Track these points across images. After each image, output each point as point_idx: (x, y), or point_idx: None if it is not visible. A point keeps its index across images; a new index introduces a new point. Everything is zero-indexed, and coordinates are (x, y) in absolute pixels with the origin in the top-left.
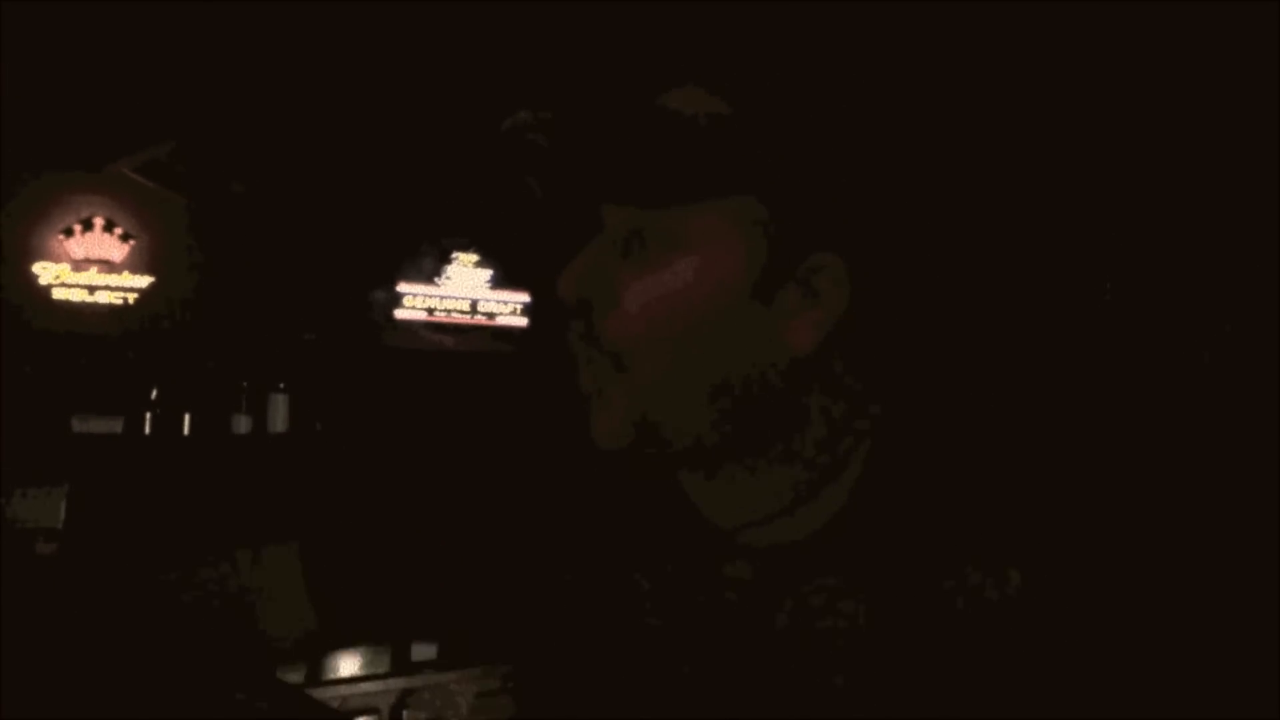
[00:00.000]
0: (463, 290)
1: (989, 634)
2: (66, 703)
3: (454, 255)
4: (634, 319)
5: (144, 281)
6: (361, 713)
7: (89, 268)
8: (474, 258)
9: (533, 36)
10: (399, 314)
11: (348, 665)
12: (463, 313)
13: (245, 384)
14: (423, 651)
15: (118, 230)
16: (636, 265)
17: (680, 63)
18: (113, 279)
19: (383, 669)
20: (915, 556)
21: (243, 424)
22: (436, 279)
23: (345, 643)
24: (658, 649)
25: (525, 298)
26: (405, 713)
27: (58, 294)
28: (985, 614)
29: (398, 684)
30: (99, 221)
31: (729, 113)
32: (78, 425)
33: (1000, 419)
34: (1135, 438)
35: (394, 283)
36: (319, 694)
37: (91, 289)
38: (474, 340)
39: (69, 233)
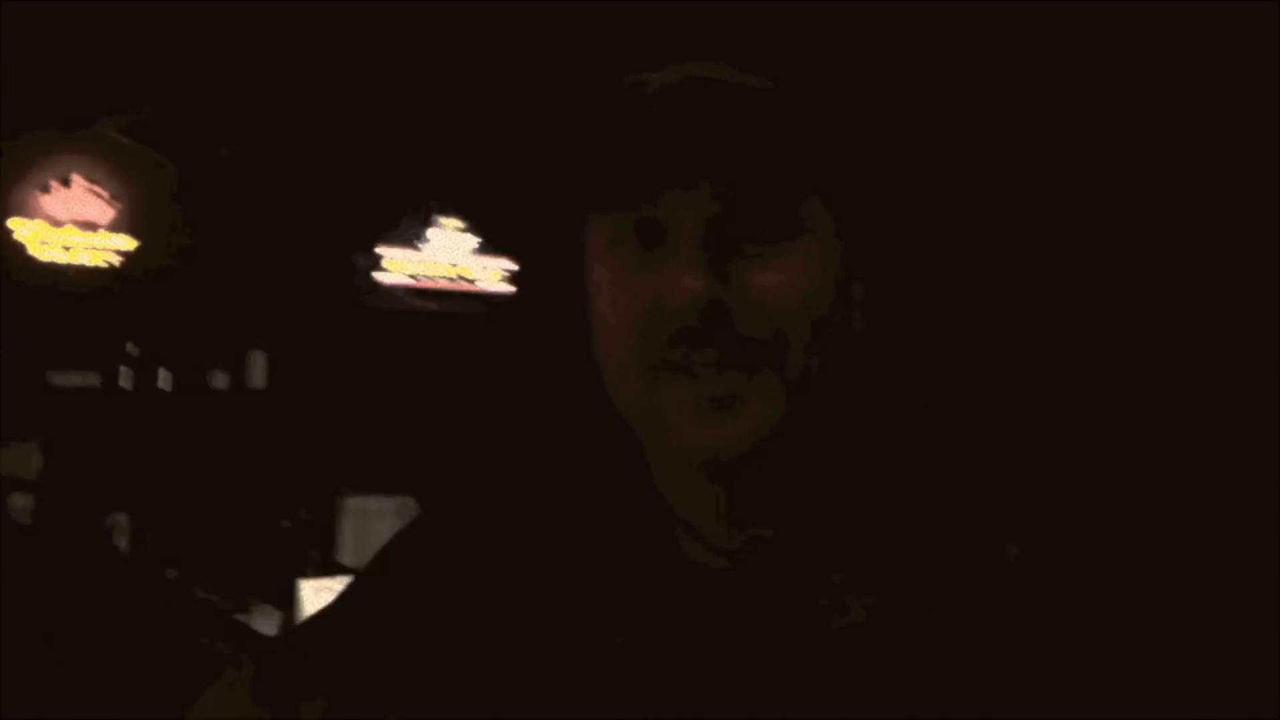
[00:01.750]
0: (446, 255)
1: (989, 611)
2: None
3: (436, 219)
4: (776, 306)
5: (125, 242)
6: None
7: (67, 226)
8: (458, 223)
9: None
10: (380, 278)
11: None
12: (446, 278)
13: (223, 340)
14: None
15: (98, 190)
16: (761, 255)
17: (671, 44)
18: (93, 239)
19: None
20: (914, 540)
21: (220, 380)
22: (418, 243)
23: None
24: (649, 660)
25: (509, 264)
26: None
27: (34, 251)
28: (987, 589)
29: None
30: (78, 180)
31: (785, 90)
32: (55, 379)
33: (996, 401)
34: (1132, 416)
35: (375, 246)
36: None
37: (69, 248)
38: (456, 305)
39: (46, 189)
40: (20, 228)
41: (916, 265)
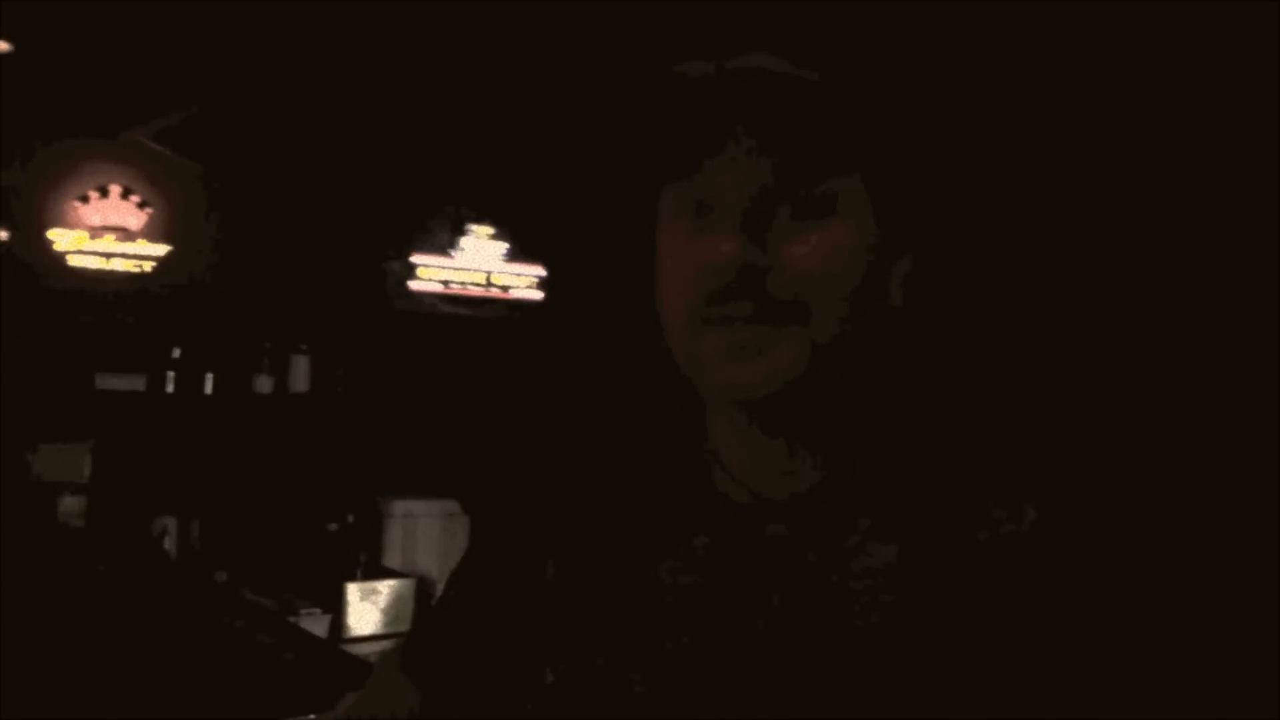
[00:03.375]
0: (477, 263)
1: (1008, 568)
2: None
3: (468, 227)
4: (806, 277)
5: (161, 249)
6: None
7: (105, 234)
8: (489, 230)
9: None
10: (413, 285)
11: (368, 623)
12: (478, 285)
13: (267, 345)
14: None
15: (134, 198)
16: (800, 229)
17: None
18: (129, 247)
19: (404, 627)
20: (939, 495)
21: (265, 384)
22: (451, 250)
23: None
24: (699, 615)
25: (541, 270)
26: None
27: (73, 260)
28: (1005, 548)
29: None
30: (115, 189)
31: (828, 76)
32: (101, 382)
33: (1020, 369)
34: (1149, 391)
35: (408, 254)
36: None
37: (108, 256)
38: (489, 312)
39: (85, 199)
40: (60, 238)
41: (951, 246)
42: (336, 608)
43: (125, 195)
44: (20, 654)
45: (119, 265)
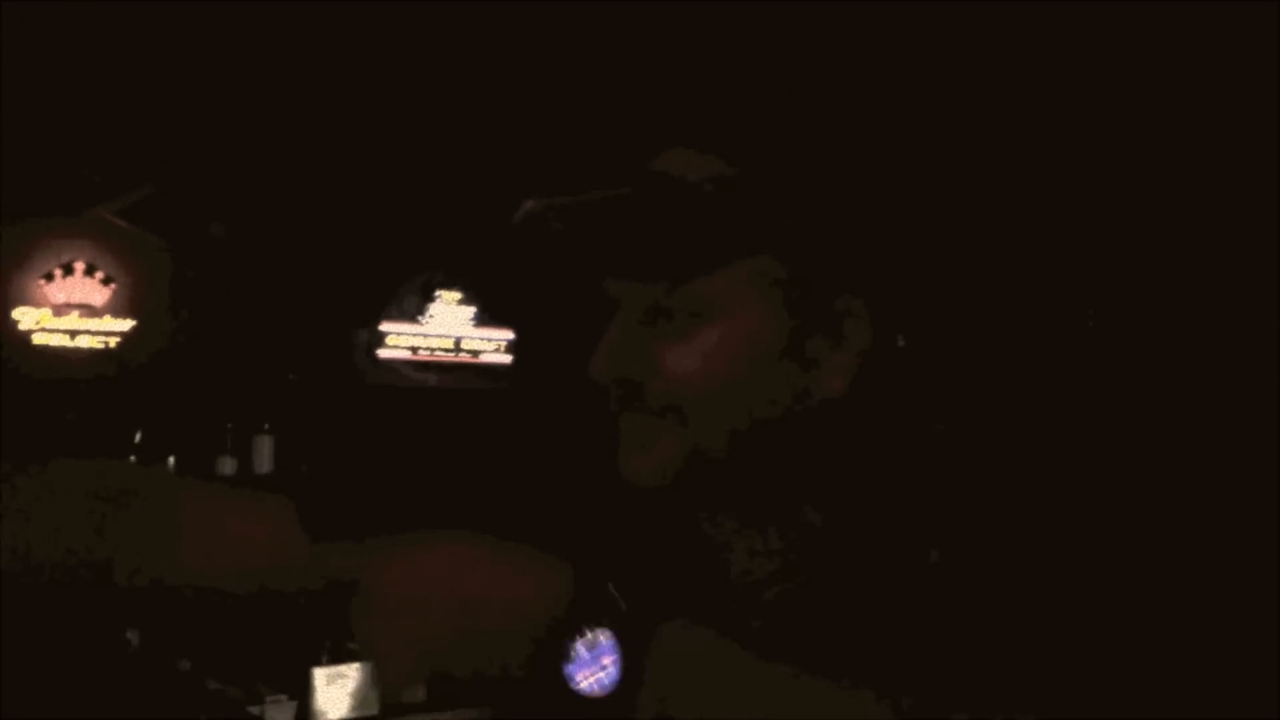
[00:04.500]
0: (446, 328)
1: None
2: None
3: (437, 293)
4: (679, 384)
5: (126, 325)
6: None
7: (70, 312)
8: (457, 295)
9: (509, 81)
10: (382, 353)
11: (337, 708)
12: (447, 350)
13: (230, 425)
14: (411, 694)
15: (99, 274)
16: (667, 336)
17: (665, 126)
18: (94, 323)
19: (372, 711)
20: (845, 546)
21: (228, 465)
22: (419, 317)
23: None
24: None
25: (510, 335)
26: None
27: (38, 339)
28: (908, 594)
29: None
30: (80, 266)
31: (730, 173)
32: None
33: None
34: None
35: (377, 322)
36: None
37: (73, 334)
38: (459, 379)
39: (49, 277)
40: (25, 317)
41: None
42: (304, 694)
43: (89, 272)
44: None
45: (84, 342)
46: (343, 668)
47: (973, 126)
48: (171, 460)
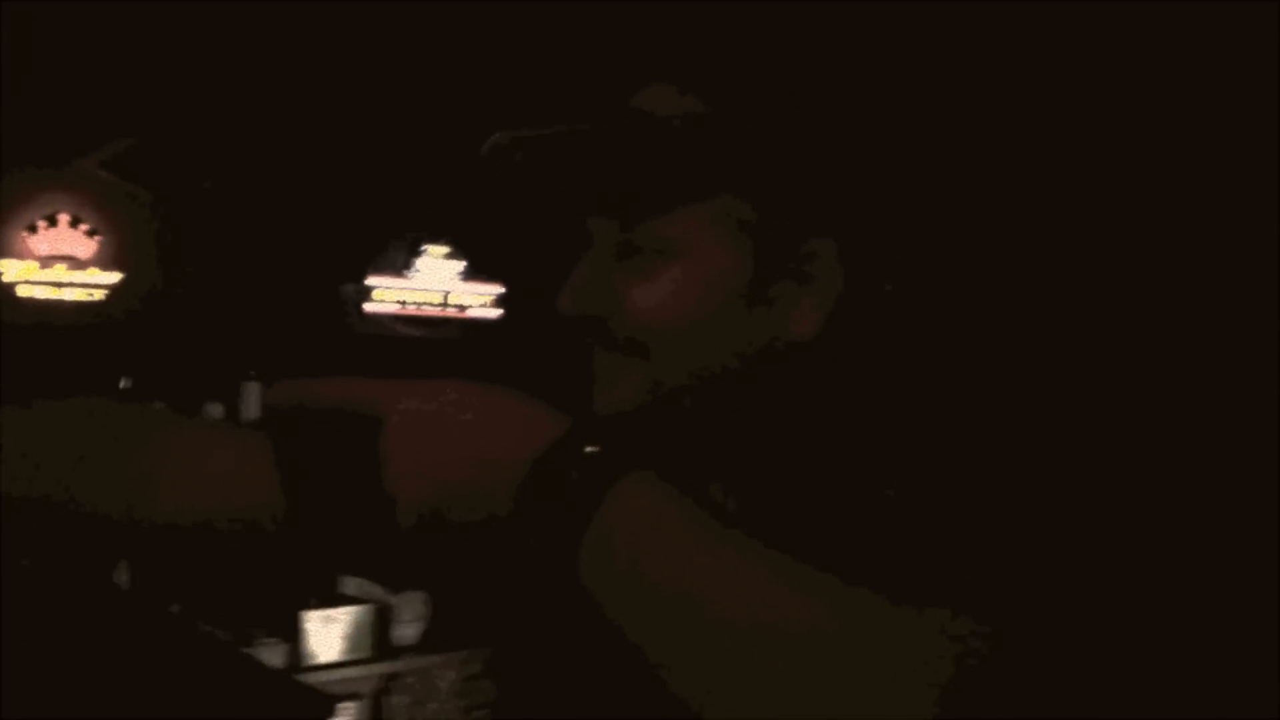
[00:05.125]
0: (433, 283)
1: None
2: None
3: (423, 247)
4: (642, 320)
5: (113, 278)
6: (344, 699)
7: (55, 264)
8: (444, 249)
9: (499, 30)
10: (369, 307)
11: (328, 650)
12: (434, 305)
13: (216, 372)
14: (405, 636)
15: (83, 226)
16: (633, 273)
17: (648, 61)
18: (79, 275)
19: (365, 654)
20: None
21: (216, 411)
22: (406, 271)
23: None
24: None
25: (498, 289)
26: (387, 698)
27: (22, 291)
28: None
29: (380, 669)
30: (64, 218)
31: (704, 111)
32: None
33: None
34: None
35: (363, 276)
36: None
37: (59, 285)
38: (446, 332)
39: (33, 229)
40: (9, 269)
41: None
42: (294, 636)
43: (74, 224)
44: None
45: (69, 295)
46: (333, 611)
47: (955, 66)
48: (159, 405)
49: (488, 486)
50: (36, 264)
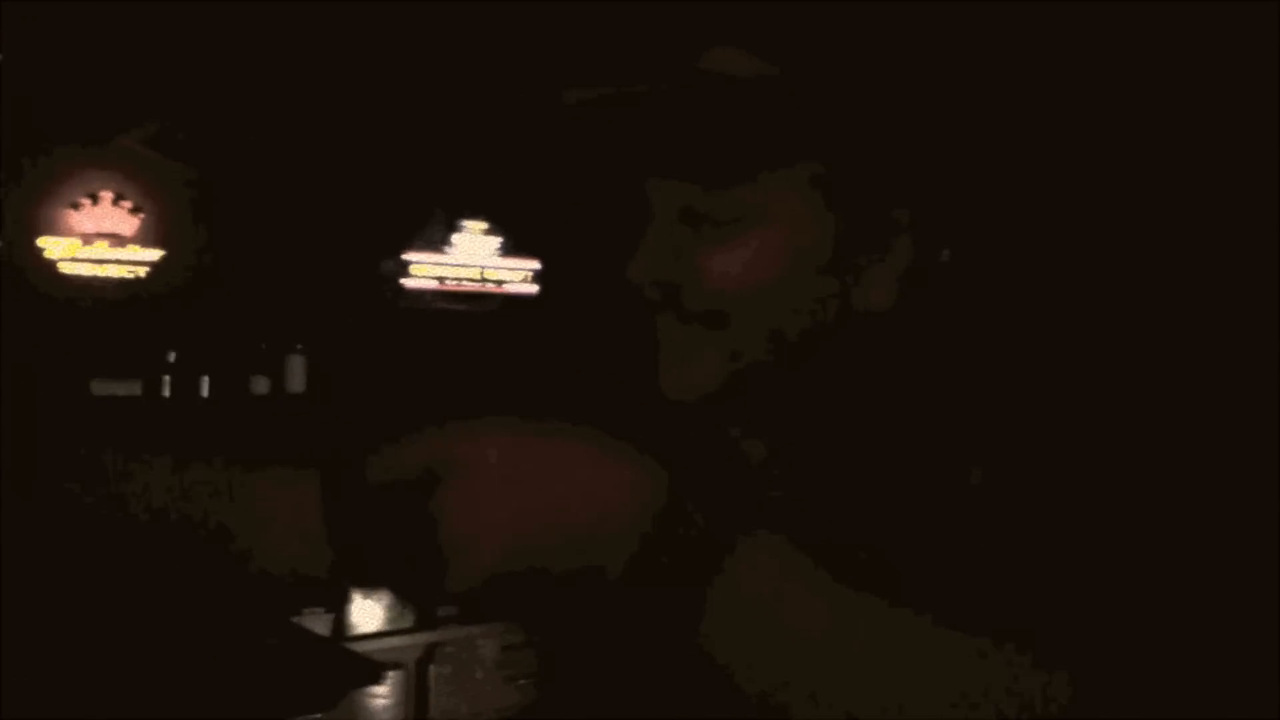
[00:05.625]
0: (472, 258)
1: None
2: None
3: (462, 223)
4: (722, 289)
5: (154, 254)
6: (387, 668)
7: (98, 241)
8: (483, 225)
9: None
10: (408, 283)
11: (372, 620)
12: (472, 280)
13: (263, 346)
14: (447, 606)
15: (125, 204)
16: (712, 240)
17: (704, 23)
18: (122, 253)
19: (407, 624)
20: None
21: (262, 384)
22: (444, 247)
23: (364, 586)
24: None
25: (535, 265)
26: (430, 667)
27: (65, 268)
28: (950, 515)
29: (423, 638)
30: (106, 195)
31: (778, 73)
32: (97, 389)
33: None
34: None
35: (402, 252)
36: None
37: (101, 262)
38: (484, 306)
39: (76, 206)
40: (52, 246)
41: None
42: (339, 606)
43: (116, 201)
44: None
45: (112, 271)
46: None
47: (1040, 41)
48: (205, 379)
49: (590, 549)
50: (79, 241)
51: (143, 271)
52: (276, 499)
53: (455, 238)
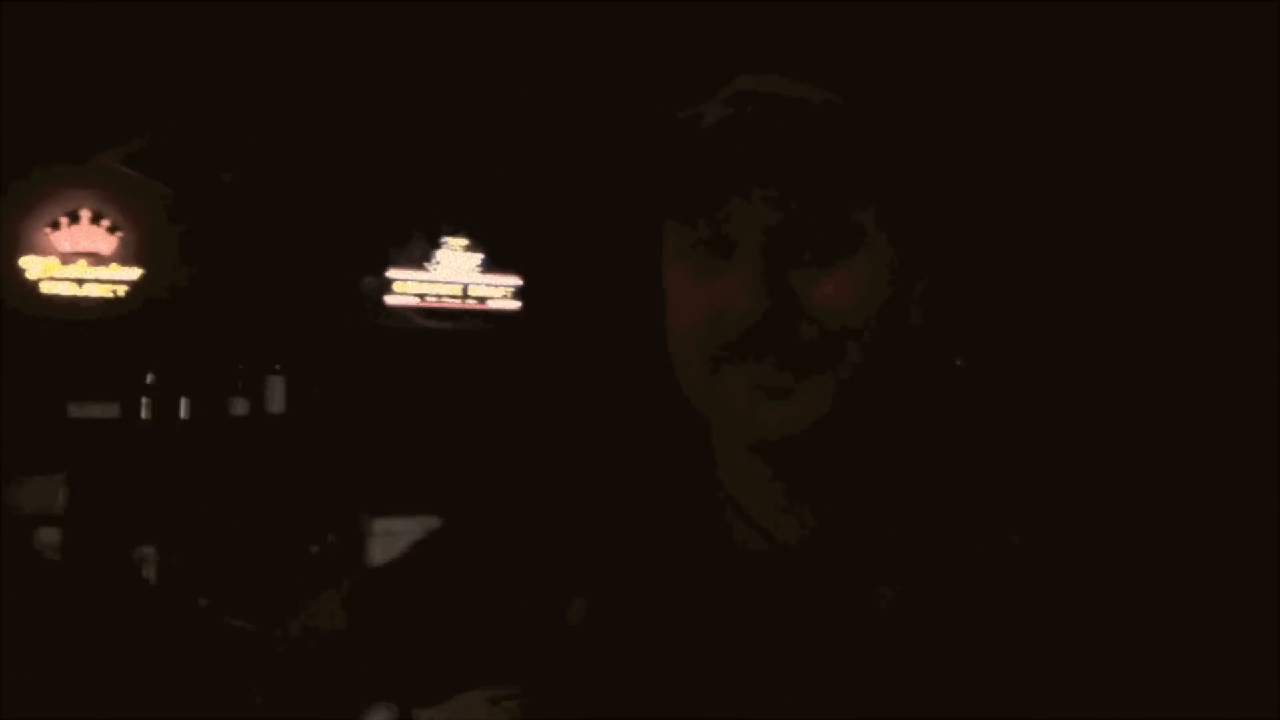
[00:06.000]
0: (453, 275)
1: (998, 594)
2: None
3: (443, 240)
4: (831, 316)
5: (133, 273)
6: None
7: (77, 260)
8: (464, 242)
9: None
10: (390, 300)
11: None
12: (454, 297)
13: (241, 366)
14: None
15: (105, 222)
16: (816, 266)
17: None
18: (101, 271)
19: None
20: (933, 527)
21: (240, 406)
22: (426, 264)
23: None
24: (720, 665)
25: (517, 281)
26: None
27: (46, 288)
28: (992, 575)
29: None
30: (85, 214)
31: (838, 100)
32: (74, 411)
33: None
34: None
35: (384, 269)
36: None
37: (80, 281)
38: (467, 324)
39: (55, 225)
40: (31, 265)
41: (962, 271)
42: None
43: (96, 220)
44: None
45: (92, 290)
46: None
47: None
48: (184, 401)
49: None
50: (58, 260)
51: (122, 290)
52: None
53: (437, 254)
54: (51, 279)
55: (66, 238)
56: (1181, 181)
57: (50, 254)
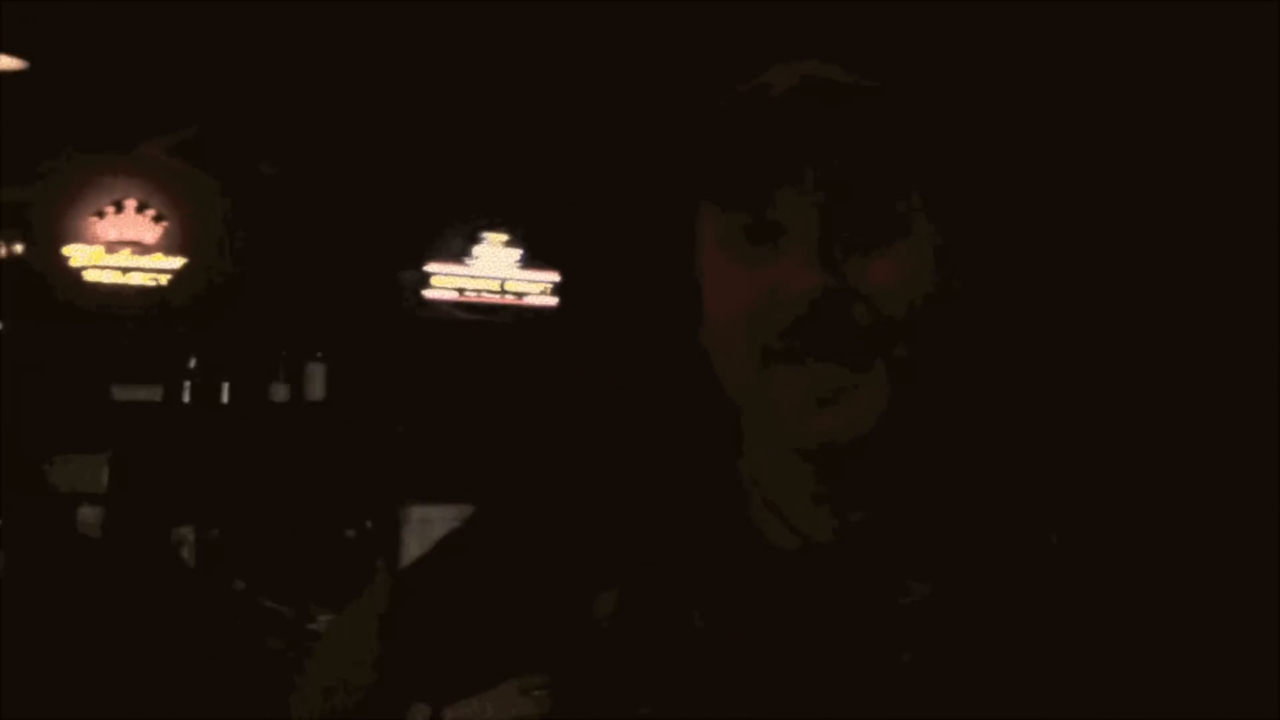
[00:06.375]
0: (492, 270)
1: (1034, 594)
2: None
3: (482, 235)
4: (889, 301)
5: (177, 263)
6: None
7: (121, 249)
8: (503, 237)
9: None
10: (428, 294)
11: None
12: (492, 292)
13: (283, 353)
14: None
15: (150, 211)
16: (870, 250)
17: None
18: (145, 260)
19: None
20: (966, 524)
21: (281, 392)
22: (465, 258)
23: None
24: (747, 663)
25: (555, 277)
26: None
27: (90, 276)
28: (1030, 575)
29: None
30: (131, 203)
31: (876, 85)
32: (118, 394)
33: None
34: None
35: (423, 263)
36: None
37: (125, 270)
38: (504, 318)
39: (100, 214)
40: (77, 254)
41: (1009, 261)
42: None
43: (141, 209)
44: (38, 662)
45: (135, 279)
46: None
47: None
48: (226, 385)
49: None
50: (103, 249)
51: (165, 279)
52: None
53: (476, 249)
54: (96, 267)
55: (112, 226)
56: (1237, 174)
57: (95, 243)
